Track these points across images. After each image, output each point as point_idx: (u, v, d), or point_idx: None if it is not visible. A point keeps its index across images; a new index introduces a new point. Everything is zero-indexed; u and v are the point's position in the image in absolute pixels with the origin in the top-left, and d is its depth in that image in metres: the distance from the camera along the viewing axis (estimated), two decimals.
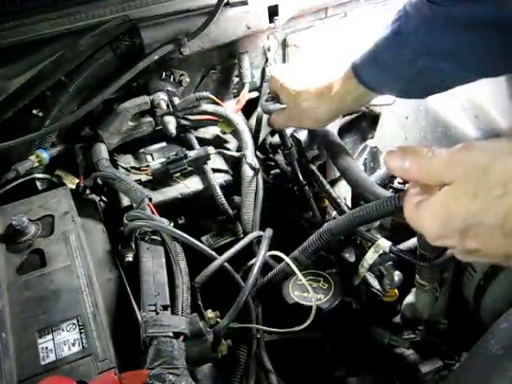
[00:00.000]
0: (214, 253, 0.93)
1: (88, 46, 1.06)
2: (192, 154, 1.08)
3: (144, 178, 1.09)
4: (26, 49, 1.02)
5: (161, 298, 0.79)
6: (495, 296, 0.90)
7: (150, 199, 0.97)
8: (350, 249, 1.14)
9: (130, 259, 0.90)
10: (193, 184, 1.08)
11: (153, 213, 0.94)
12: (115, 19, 1.06)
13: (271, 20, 1.16)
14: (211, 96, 1.15)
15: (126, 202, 1.02)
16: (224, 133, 1.21)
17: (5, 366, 0.67)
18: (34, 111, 1.07)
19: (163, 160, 1.08)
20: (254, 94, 1.29)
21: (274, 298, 0.99)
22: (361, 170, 1.05)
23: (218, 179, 1.08)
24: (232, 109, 1.20)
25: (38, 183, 1.08)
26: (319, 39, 1.29)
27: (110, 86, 1.07)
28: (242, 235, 1.05)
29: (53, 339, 0.71)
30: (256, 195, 1.08)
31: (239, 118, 1.16)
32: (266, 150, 1.32)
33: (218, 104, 1.17)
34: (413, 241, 0.95)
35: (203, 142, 1.18)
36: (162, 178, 1.08)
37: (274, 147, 1.32)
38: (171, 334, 0.73)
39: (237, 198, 1.10)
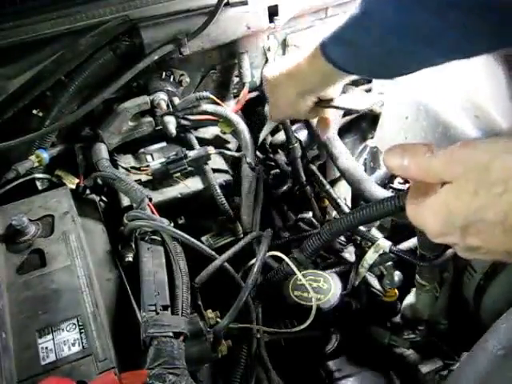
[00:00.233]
0: (213, 253, 0.93)
1: (88, 45, 1.06)
2: (192, 154, 1.08)
3: (144, 177, 1.09)
4: (26, 49, 1.02)
5: (161, 298, 0.79)
6: (495, 296, 0.90)
7: (150, 199, 0.97)
8: (350, 249, 1.14)
9: (130, 259, 0.90)
10: (193, 184, 1.08)
11: (153, 213, 0.94)
12: (115, 19, 1.06)
13: (271, 20, 1.16)
14: (211, 96, 1.15)
15: (126, 202, 1.02)
16: (224, 133, 1.21)
17: (5, 366, 0.67)
18: (34, 111, 1.07)
19: (163, 160, 1.08)
20: (254, 94, 1.29)
21: (274, 297, 0.99)
22: (361, 170, 1.05)
23: (218, 179, 1.08)
24: (232, 109, 1.20)
25: (38, 183, 1.08)
26: (319, 39, 1.28)
27: (110, 85, 1.06)
28: (241, 235, 1.05)
29: (53, 339, 0.71)
30: (256, 195, 1.08)
31: (239, 118, 1.16)
32: (266, 149, 1.32)
33: (218, 104, 1.17)
34: (413, 241, 0.95)
35: (203, 142, 1.18)
36: (162, 178, 1.08)
37: (274, 147, 1.32)
38: (171, 334, 0.73)
39: (237, 198, 1.10)
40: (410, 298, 1.04)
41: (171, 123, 1.12)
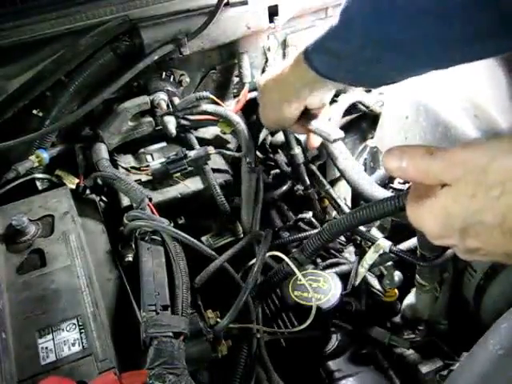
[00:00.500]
0: (213, 253, 0.93)
1: (88, 45, 1.06)
2: (192, 154, 1.08)
3: (144, 177, 1.09)
4: (26, 49, 1.02)
5: (161, 298, 0.79)
6: (495, 296, 0.90)
7: (150, 199, 0.97)
8: (350, 249, 1.14)
9: (130, 259, 0.90)
10: (193, 184, 1.09)
11: (153, 213, 0.94)
12: (115, 19, 1.06)
13: (271, 20, 1.16)
14: (211, 96, 1.15)
15: (126, 202, 1.03)
16: (224, 133, 1.21)
17: (5, 366, 0.67)
18: (34, 111, 1.07)
19: (163, 160, 1.08)
20: (254, 94, 1.29)
21: (274, 298, 0.99)
22: (361, 170, 1.05)
23: (218, 179, 1.08)
24: (232, 109, 1.20)
25: (38, 183, 1.08)
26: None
27: (110, 86, 1.06)
28: (241, 235, 1.05)
29: (53, 339, 0.71)
30: (256, 195, 1.08)
31: (239, 118, 1.16)
32: (266, 149, 1.32)
33: (218, 104, 1.17)
34: (413, 241, 0.95)
35: (203, 142, 1.18)
36: (162, 178, 1.08)
37: (274, 147, 1.32)
38: (171, 334, 0.73)
39: (237, 198, 1.10)
40: (409, 298, 1.04)
41: (171, 123, 1.12)
